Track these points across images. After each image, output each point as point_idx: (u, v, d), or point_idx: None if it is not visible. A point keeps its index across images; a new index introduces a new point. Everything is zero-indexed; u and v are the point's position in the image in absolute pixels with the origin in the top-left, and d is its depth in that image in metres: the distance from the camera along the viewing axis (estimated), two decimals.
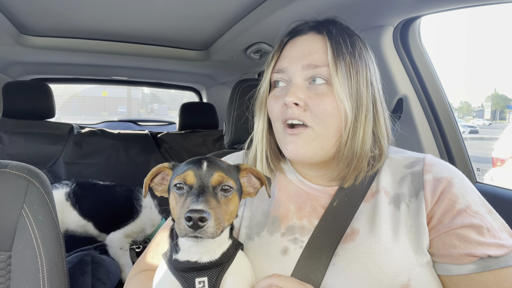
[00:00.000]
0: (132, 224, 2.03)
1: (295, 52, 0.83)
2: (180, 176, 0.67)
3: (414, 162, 0.83)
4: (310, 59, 0.81)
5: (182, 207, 0.64)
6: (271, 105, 0.87)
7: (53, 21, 1.84)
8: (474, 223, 0.71)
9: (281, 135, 0.85)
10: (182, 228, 0.61)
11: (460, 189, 0.76)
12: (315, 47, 0.82)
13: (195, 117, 2.93)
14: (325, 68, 0.79)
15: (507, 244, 0.70)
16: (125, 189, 2.13)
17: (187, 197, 0.65)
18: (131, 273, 0.97)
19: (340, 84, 0.77)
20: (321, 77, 0.80)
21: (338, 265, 0.75)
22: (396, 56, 1.42)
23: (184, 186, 0.66)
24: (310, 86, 0.81)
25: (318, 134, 0.80)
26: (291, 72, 0.83)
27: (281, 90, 0.86)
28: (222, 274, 0.71)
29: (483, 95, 14.16)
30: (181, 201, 0.65)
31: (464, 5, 1.15)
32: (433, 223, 0.75)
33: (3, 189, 1.02)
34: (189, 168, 0.68)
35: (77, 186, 2.04)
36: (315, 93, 0.80)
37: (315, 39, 0.83)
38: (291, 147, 0.82)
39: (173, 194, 0.68)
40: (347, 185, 0.83)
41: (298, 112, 0.80)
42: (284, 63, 0.84)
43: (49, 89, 2.41)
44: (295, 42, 0.85)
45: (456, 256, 0.71)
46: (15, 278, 0.99)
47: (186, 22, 1.80)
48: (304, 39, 0.84)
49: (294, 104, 0.79)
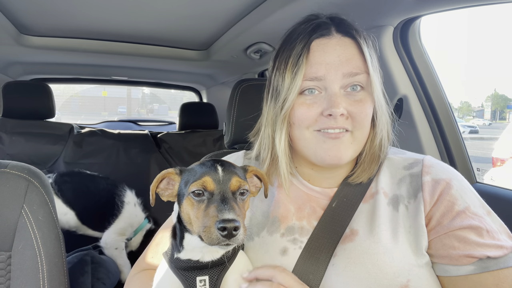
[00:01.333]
0: (118, 221, 2.01)
1: (330, 58, 0.78)
2: (198, 183, 0.66)
3: (413, 164, 0.83)
4: (349, 67, 0.78)
5: (206, 216, 0.63)
6: (303, 114, 0.80)
7: (53, 21, 1.84)
8: (473, 224, 0.72)
9: (316, 141, 0.81)
10: (214, 238, 0.61)
11: (459, 190, 0.76)
12: (350, 53, 0.79)
13: (195, 117, 2.93)
14: (363, 75, 0.79)
15: (506, 245, 0.70)
16: (110, 182, 2.12)
17: (209, 204, 0.64)
18: (132, 272, 0.97)
19: (380, 89, 0.80)
20: (359, 84, 0.79)
21: (337, 266, 0.75)
22: (396, 56, 1.42)
23: (204, 193, 0.66)
24: (346, 93, 0.80)
25: (356, 138, 0.81)
26: (329, 80, 0.78)
27: (313, 98, 0.80)
28: (223, 273, 0.71)
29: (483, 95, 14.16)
30: (201, 208, 0.65)
31: (464, 5, 1.15)
32: (432, 225, 0.75)
33: (3, 189, 1.02)
34: (206, 173, 0.67)
35: (59, 175, 2.03)
36: (353, 100, 0.79)
37: (346, 43, 0.80)
38: (333, 152, 0.79)
39: (189, 201, 0.67)
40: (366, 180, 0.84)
41: (342, 122, 0.78)
42: (319, 70, 0.78)
43: (49, 89, 2.41)
44: (325, 46, 0.80)
45: (455, 257, 0.71)
46: (15, 278, 0.99)
47: (186, 22, 1.80)
48: (334, 43, 0.80)
49: (340, 115, 0.77)
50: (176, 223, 0.75)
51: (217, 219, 0.61)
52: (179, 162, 2.72)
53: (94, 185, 2.08)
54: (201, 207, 0.65)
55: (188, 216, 0.68)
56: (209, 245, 0.63)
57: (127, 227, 2.04)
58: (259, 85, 1.24)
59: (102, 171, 2.54)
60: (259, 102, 0.95)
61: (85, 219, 1.99)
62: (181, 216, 0.71)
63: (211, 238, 0.61)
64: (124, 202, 2.06)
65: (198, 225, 0.65)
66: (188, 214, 0.68)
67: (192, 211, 0.67)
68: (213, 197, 0.65)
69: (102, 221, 2.00)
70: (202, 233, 0.63)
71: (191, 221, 0.68)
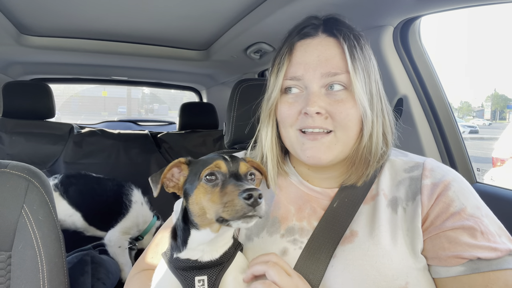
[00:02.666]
0: (125, 220, 2.02)
1: (310, 58, 0.80)
2: (211, 167, 0.67)
3: (413, 167, 0.82)
4: (328, 67, 0.78)
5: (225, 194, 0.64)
6: (284, 112, 0.83)
7: (53, 21, 1.84)
8: (466, 225, 0.70)
9: (296, 141, 0.83)
10: (239, 209, 0.61)
11: (457, 192, 0.75)
12: (331, 53, 0.79)
13: (195, 117, 2.93)
14: (344, 75, 0.78)
15: (501, 248, 0.68)
16: (116, 183, 2.13)
17: (224, 185, 0.65)
18: (132, 272, 0.97)
19: (361, 89, 0.77)
20: (339, 83, 0.79)
21: (336, 267, 0.75)
22: (396, 56, 1.42)
23: (217, 176, 0.67)
24: (327, 93, 0.79)
25: (339, 139, 0.80)
26: (307, 80, 0.79)
27: (295, 97, 0.83)
28: (222, 273, 0.71)
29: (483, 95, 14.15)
30: (216, 191, 0.66)
31: (464, 5, 1.15)
32: (425, 226, 0.74)
33: (3, 189, 1.02)
34: (216, 159, 0.69)
35: (65, 176, 2.03)
36: (334, 99, 0.79)
37: (329, 43, 0.80)
38: (311, 153, 0.80)
39: (202, 188, 0.68)
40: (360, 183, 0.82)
41: (320, 121, 0.78)
42: (298, 70, 0.80)
43: (49, 89, 2.40)
44: (307, 46, 0.81)
45: (443, 258, 0.70)
46: (15, 278, 0.99)
47: (186, 22, 1.80)
48: (316, 43, 0.81)
49: (316, 114, 0.77)
50: (180, 222, 0.74)
51: (240, 191, 0.62)
52: None
53: (100, 186, 2.08)
54: (216, 190, 0.66)
55: (200, 205, 0.68)
56: (231, 220, 0.62)
57: (132, 226, 2.05)
58: (259, 85, 1.24)
59: (102, 171, 2.54)
60: (259, 102, 0.95)
61: (92, 220, 1.99)
62: (190, 210, 0.70)
63: (235, 210, 0.61)
64: (132, 201, 2.07)
65: (216, 207, 0.65)
66: (200, 203, 0.68)
67: (206, 197, 0.67)
68: (227, 179, 0.67)
69: (109, 221, 2.01)
70: (223, 210, 0.63)
71: (204, 208, 0.67)
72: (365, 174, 0.82)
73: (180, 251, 0.73)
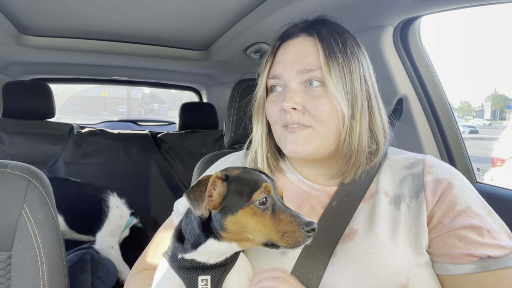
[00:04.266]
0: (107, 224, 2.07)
1: (288, 57, 0.84)
2: (262, 192, 0.67)
3: (414, 163, 0.83)
4: (303, 64, 0.81)
5: (281, 222, 0.66)
6: (269, 110, 0.88)
7: (53, 21, 1.84)
8: (474, 224, 0.72)
9: (281, 136, 0.86)
10: (300, 240, 0.65)
11: (460, 190, 0.76)
12: (307, 51, 0.82)
13: (195, 117, 2.93)
14: (319, 71, 0.80)
15: (506, 245, 0.70)
16: (95, 188, 2.17)
17: (275, 211, 0.67)
18: (132, 272, 0.97)
19: (334, 85, 0.78)
20: (316, 80, 0.81)
21: (337, 265, 0.75)
22: (396, 56, 1.42)
23: (268, 200, 0.67)
24: (306, 89, 0.82)
25: (318, 133, 0.81)
26: (286, 77, 0.83)
27: (278, 94, 0.87)
28: (225, 274, 0.72)
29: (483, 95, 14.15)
30: (267, 216, 0.66)
31: (464, 5, 1.15)
32: (433, 224, 0.75)
33: (3, 189, 1.02)
34: (263, 180, 0.69)
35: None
36: (311, 95, 0.81)
37: (307, 42, 0.83)
38: (291, 146, 0.83)
39: (253, 210, 0.66)
40: (347, 181, 0.84)
41: (297, 116, 0.81)
42: (278, 69, 0.85)
43: (49, 89, 2.40)
44: (287, 46, 0.85)
45: (456, 255, 0.71)
46: (15, 278, 0.99)
47: (186, 22, 1.80)
48: (295, 42, 0.85)
49: (292, 109, 0.80)
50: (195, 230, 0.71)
51: (300, 223, 0.64)
52: (179, 162, 2.73)
53: (81, 191, 2.13)
54: (267, 214, 0.66)
55: (243, 226, 0.66)
56: (290, 248, 0.65)
57: (116, 228, 2.11)
58: None
59: (102, 171, 2.55)
60: None
61: (72, 223, 2.02)
62: (224, 225, 0.67)
63: (296, 241, 0.64)
64: (109, 206, 2.13)
65: (268, 231, 0.66)
66: (245, 223, 0.66)
67: (254, 219, 0.66)
68: (276, 204, 0.68)
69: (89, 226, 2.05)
70: (281, 238, 0.65)
71: (248, 229, 0.66)
72: (351, 171, 0.83)
73: (186, 252, 0.72)
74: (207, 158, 1.33)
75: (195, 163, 1.34)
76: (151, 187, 2.61)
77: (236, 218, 0.66)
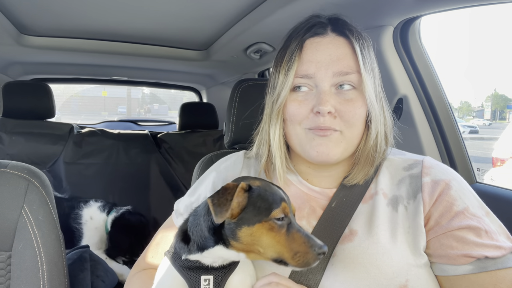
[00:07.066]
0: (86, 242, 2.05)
1: (322, 56, 0.79)
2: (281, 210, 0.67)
3: (412, 165, 0.83)
4: (340, 66, 0.78)
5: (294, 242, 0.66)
6: (294, 110, 0.82)
7: (53, 21, 1.84)
8: (471, 225, 0.72)
9: (305, 139, 0.82)
10: (311, 262, 0.65)
11: (458, 191, 0.76)
12: (342, 52, 0.80)
13: (195, 117, 2.93)
14: (355, 74, 0.79)
15: (504, 246, 0.70)
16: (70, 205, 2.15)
17: (290, 229, 0.67)
18: (132, 272, 0.97)
19: (372, 89, 0.78)
20: (349, 83, 0.79)
21: (337, 266, 0.75)
22: (396, 56, 1.42)
23: (284, 218, 0.68)
24: (337, 92, 0.80)
25: (345, 137, 0.80)
26: (319, 78, 0.79)
27: (305, 94, 0.82)
28: (228, 274, 0.72)
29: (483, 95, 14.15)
30: (282, 233, 0.66)
31: (464, 5, 1.15)
32: (430, 225, 0.75)
33: (3, 189, 1.02)
34: (282, 199, 0.69)
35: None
36: (344, 99, 0.79)
37: (339, 42, 0.81)
38: (321, 149, 0.80)
39: (270, 226, 0.67)
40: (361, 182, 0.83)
41: (330, 120, 0.78)
42: (310, 68, 0.80)
43: (49, 89, 2.41)
44: (318, 44, 0.81)
45: (453, 256, 0.71)
46: (15, 278, 0.99)
47: (186, 22, 1.80)
48: (327, 41, 0.81)
49: (328, 113, 0.78)
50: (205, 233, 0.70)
51: (313, 246, 0.65)
52: (179, 162, 2.73)
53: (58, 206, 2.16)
54: (282, 231, 0.66)
55: (257, 239, 0.66)
56: (298, 268, 0.66)
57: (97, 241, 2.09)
58: (259, 85, 1.24)
59: (102, 171, 2.55)
60: (260, 102, 0.95)
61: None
62: (237, 234, 0.67)
63: (306, 261, 0.65)
64: (82, 223, 2.10)
65: (280, 248, 0.66)
66: (259, 237, 0.66)
67: (269, 234, 0.66)
68: (291, 222, 0.68)
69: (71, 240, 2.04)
70: (292, 257, 0.65)
71: (261, 243, 0.66)
72: (358, 175, 0.83)
73: (190, 254, 0.71)
74: (207, 158, 1.32)
75: (195, 163, 1.34)
76: (151, 187, 2.61)
77: (252, 231, 0.66)
